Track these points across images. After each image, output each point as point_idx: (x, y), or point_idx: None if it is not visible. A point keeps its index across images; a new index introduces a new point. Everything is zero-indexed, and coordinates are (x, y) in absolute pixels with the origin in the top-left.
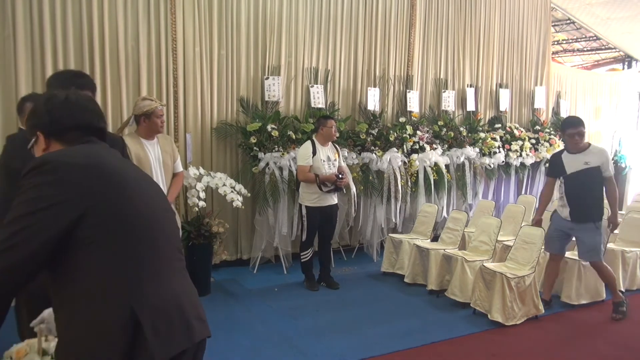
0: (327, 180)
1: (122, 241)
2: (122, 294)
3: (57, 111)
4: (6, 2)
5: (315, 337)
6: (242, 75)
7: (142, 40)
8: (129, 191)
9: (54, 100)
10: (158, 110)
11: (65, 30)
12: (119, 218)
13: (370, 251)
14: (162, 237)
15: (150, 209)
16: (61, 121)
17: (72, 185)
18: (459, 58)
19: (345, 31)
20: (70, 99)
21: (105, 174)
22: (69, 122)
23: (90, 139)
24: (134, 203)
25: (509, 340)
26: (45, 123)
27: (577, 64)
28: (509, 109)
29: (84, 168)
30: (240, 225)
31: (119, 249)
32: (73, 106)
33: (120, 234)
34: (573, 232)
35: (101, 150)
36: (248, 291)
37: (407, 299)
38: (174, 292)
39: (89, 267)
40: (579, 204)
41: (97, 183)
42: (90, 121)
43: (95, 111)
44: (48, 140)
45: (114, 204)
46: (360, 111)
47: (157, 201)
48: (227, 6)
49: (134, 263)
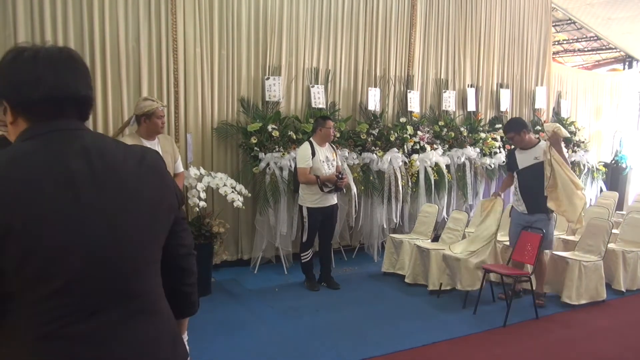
0: (327, 181)
1: (21, 294)
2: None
3: (22, 74)
4: (7, 2)
5: (315, 337)
6: (243, 75)
7: (143, 41)
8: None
9: (20, 58)
10: (159, 110)
11: (66, 30)
12: (25, 253)
13: (371, 251)
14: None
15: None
16: (24, 91)
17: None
18: (460, 58)
19: (346, 31)
20: (39, 56)
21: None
22: (35, 93)
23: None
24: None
25: (509, 340)
26: (7, 91)
27: (577, 64)
28: (509, 109)
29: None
30: (240, 226)
31: (19, 305)
32: (45, 67)
33: (25, 275)
34: (531, 224)
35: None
36: (248, 291)
37: (408, 299)
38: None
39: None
40: (531, 195)
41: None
42: (64, 90)
43: (78, 72)
44: (15, 112)
45: (21, 236)
46: (361, 111)
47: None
48: (227, 6)
49: (27, 327)
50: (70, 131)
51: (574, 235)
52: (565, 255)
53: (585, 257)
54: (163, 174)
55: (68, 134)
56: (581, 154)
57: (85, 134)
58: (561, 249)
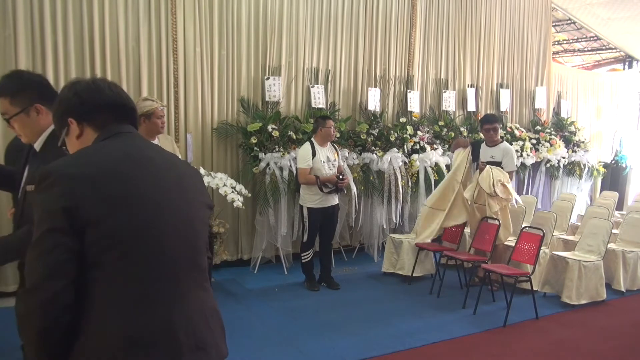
0: (327, 182)
1: (110, 264)
2: (103, 325)
3: (85, 92)
4: (7, 2)
5: (315, 337)
6: (243, 75)
7: (143, 41)
8: (131, 204)
9: (80, 83)
10: (159, 110)
11: (66, 30)
12: (111, 235)
13: (371, 251)
14: (167, 256)
15: (156, 223)
16: (91, 100)
17: (72, 199)
18: (460, 58)
19: (346, 31)
20: (96, 80)
21: (110, 185)
22: (99, 100)
23: (122, 126)
24: (133, 219)
25: (509, 340)
26: (75, 105)
27: (577, 64)
28: (509, 109)
29: (87, 179)
30: (240, 226)
31: (108, 272)
32: (100, 87)
33: (109, 254)
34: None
35: (124, 147)
36: (248, 291)
37: (408, 299)
38: (166, 320)
39: (89, 293)
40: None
41: (97, 196)
42: (120, 100)
43: (124, 92)
44: (81, 125)
45: (108, 220)
46: (361, 111)
47: (179, 210)
48: (227, 6)
49: (118, 289)
50: (133, 133)
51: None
52: (565, 255)
53: (585, 257)
54: (199, 174)
55: (134, 134)
56: (581, 153)
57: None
58: (561, 249)
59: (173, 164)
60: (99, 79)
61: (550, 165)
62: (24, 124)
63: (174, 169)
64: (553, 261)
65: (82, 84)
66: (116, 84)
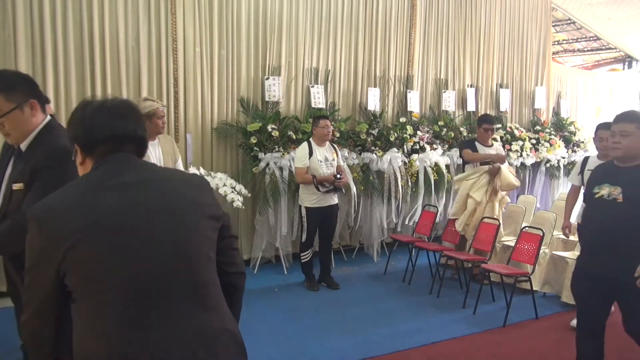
0: (324, 181)
1: (87, 294)
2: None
3: (89, 122)
4: (7, 2)
5: (315, 337)
6: (243, 75)
7: (143, 41)
8: (96, 234)
9: (88, 109)
10: (160, 110)
11: (66, 30)
12: (83, 267)
13: (371, 251)
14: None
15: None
16: (93, 133)
17: (53, 238)
18: (460, 58)
19: (346, 31)
20: (106, 105)
21: (78, 218)
22: (101, 133)
23: (119, 153)
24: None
25: (509, 340)
26: (78, 136)
27: (577, 64)
28: (509, 109)
29: (65, 214)
30: (240, 226)
31: (87, 303)
32: (108, 114)
33: (85, 286)
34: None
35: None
36: (248, 291)
37: (408, 299)
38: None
39: (75, 323)
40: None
41: (67, 231)
42: (124, 131)
43: (134, 118)
44: (84, 154)
45: (76, 253)
46: (361, 111)
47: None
48: (227, 6)
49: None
50: (125, 154)
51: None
52: (565, 255)
53: None
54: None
55: (124, 157)
56: (581, 153)
57: (137, 158)
58: (561, 249)
59: (164, 182)
60: (107, 105)
61: (550, 165)
62: (16, 122)
63: (164, 187)
64: (553, 261)
65: (88, 111)
66: (129, 107)
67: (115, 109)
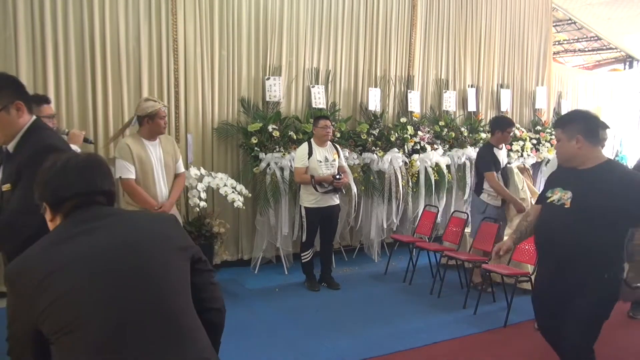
0: (323, 181)
1: (58, 341)
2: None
3: (54, 182)
4: (7, 3)
5: (315, 337)
6: (243, 75)
7: (143, 41)
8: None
9: (53, 169)
10: (161, 111)
11: (67, 31)
12: (49, 318)
13: (371, 251)
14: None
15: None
16: (59, 192)
17: (23, 296)
18: (460, 58)
19: (346, 31)
20: (70, 164)
21: (55, 265)
22: (67, 192)
23: (86, 207)
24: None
25: (510, 340)
26: (46, 195)
27: (578, 64)
28: (510, 110)
29: (31, 270)
30: (241, 226)
31: (68, 343)
32: (72, 172)
33: (54, 335)
34: (496, 216)
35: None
36: (249, 291)
37: (408, 299)
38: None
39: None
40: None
41: (42, 281)
42: (90, 188)
43: (100, 173)
44: (53, 212)
45: (41, 304)
46: (362, 111)
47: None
48: (228, 6)
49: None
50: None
51: None
52: None
53: None
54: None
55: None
56: None
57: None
58: None
59: (128, 221)
60: (71, 164)
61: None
62: (2, 124)
63: (129, 225)
64: None
65: (53, 171)
66: (95, 161)
67: (81, 166)
